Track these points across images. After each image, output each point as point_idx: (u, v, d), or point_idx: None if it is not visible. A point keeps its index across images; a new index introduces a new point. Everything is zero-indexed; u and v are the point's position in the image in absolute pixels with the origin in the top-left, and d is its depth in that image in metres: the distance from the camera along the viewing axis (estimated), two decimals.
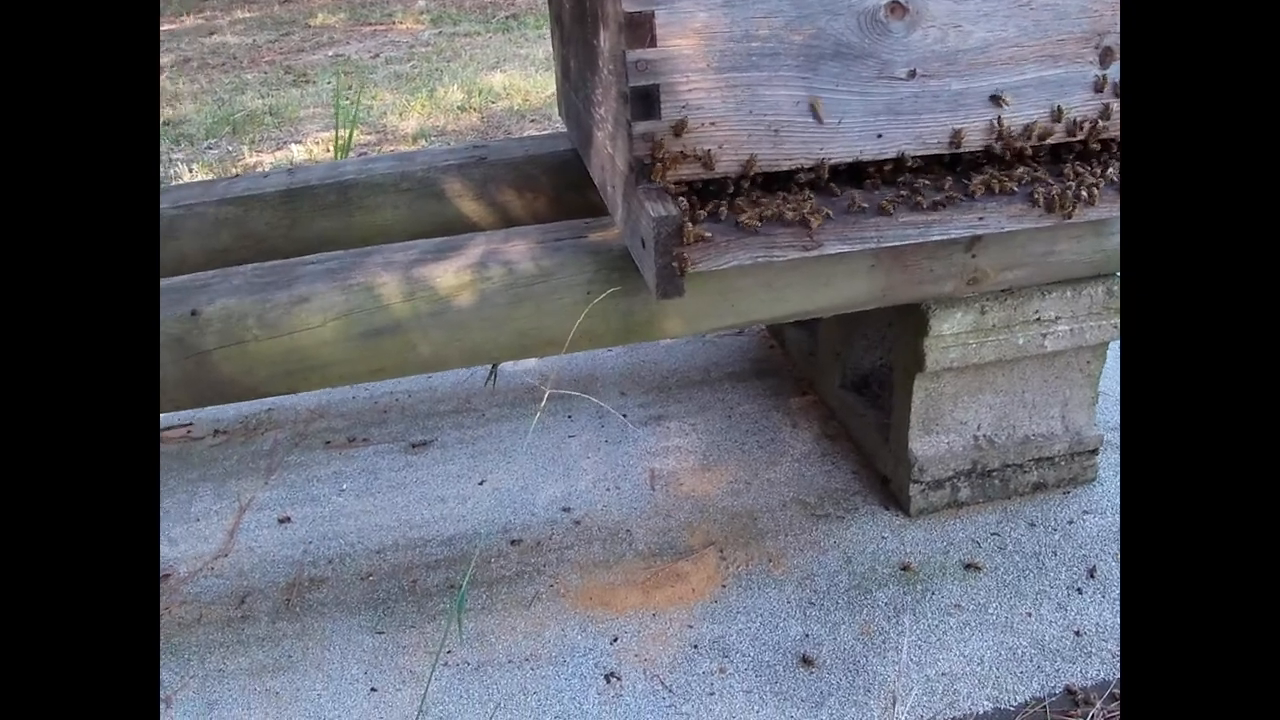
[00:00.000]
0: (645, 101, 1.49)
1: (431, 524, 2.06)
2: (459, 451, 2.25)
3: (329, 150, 4.44)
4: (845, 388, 2.20)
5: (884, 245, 1.53)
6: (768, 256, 1.50)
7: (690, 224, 1.46)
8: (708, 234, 1.48)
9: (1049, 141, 1.65)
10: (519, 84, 5.36)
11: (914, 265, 1.72)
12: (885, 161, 1.62)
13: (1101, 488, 2.04)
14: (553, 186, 2.20)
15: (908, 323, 1.86)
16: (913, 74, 1.56)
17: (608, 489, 2.09)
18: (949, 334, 1.81)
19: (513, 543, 1.99)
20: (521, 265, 1.66)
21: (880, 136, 1.59)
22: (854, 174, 1.64)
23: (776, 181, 1.62)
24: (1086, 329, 1.88)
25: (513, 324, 1.68)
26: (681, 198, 1.52)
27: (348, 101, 5.33)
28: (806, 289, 1.70)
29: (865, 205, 1.55)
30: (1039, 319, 1.85)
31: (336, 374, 1.71)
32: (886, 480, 2.03)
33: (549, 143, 2.24)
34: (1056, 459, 2.00)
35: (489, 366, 2.37)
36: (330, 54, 6.48)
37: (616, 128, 1.61)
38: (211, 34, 7.15)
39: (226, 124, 5.05)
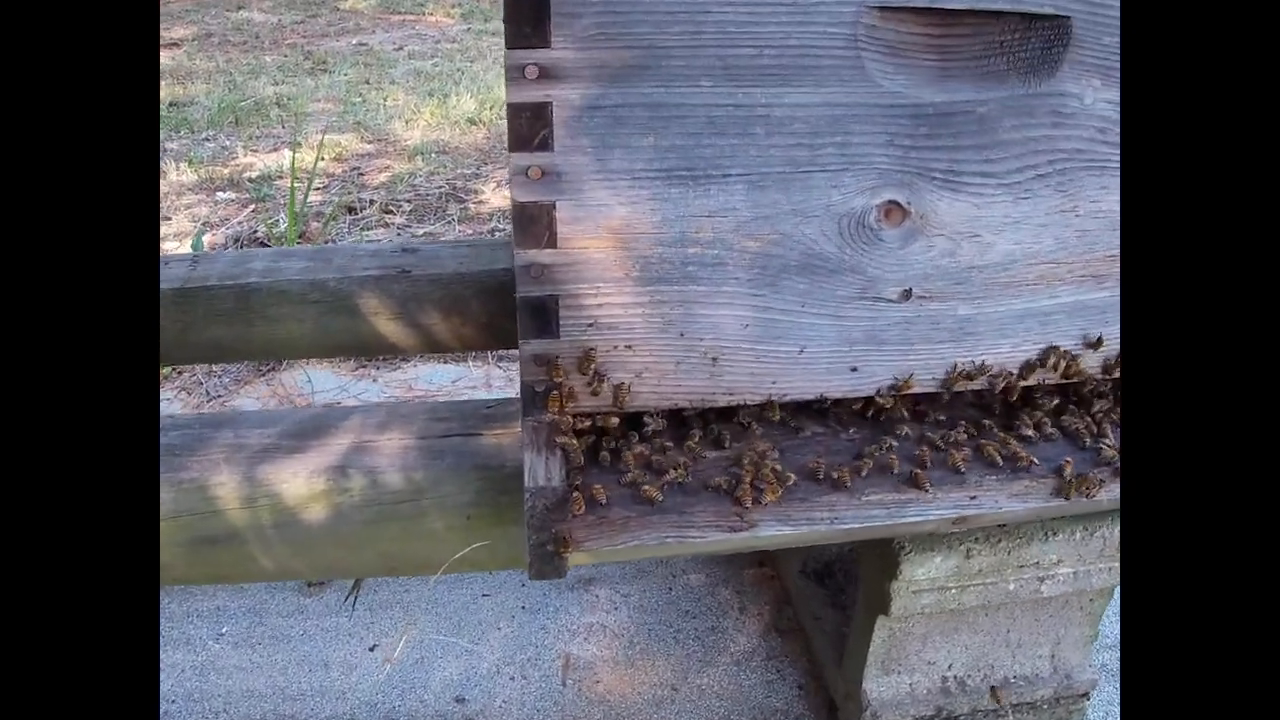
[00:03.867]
0: (539, 316, 1.04)
1: (309, 698, 1.63)
2: (357, 601, 1.82)
3: (324, 159, 3.97)
4: (805, 574, 1.75)
5: (838, 528, 1.08)
6: (680, 538, 1.04)
7: (578, 491, 1.01)
8: (603, 499, 1.02)
9: (1075, 380, 1.19)
10: None
11: None
12: (855, 400, 1.16)
13: None
14: (485, 311, 1.73)
15: (872, 558, 1.40)
16: (908, 294, 1.09)
17: (513, 676, 1.65)
18: (923, 579, 1.36)
19: None
20: (388, 476, 1.21)
21: (855, 370, 1.12)
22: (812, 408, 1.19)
23: (710, 416, 1.17)
24: (1094, 573, 1.41)
25: (374, 546, 1.23)
26: (582, 438, 1.07)
27: (359, 99, 4.86)
28: None
29: (820, 468, 1.09)
30: (1037, 563, 1.39)
31: (171, 576, 1.27)
32: (835, 708, 1.59)
33: (486, 255, 1.77)
34: (1039, 704, 1.55)
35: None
36: (354, 42, 5.98)
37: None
38: (239, 8, 6.64)
39: (231, 112, 4.59)
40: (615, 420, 1.10)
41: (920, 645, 1.47)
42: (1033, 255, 1.12)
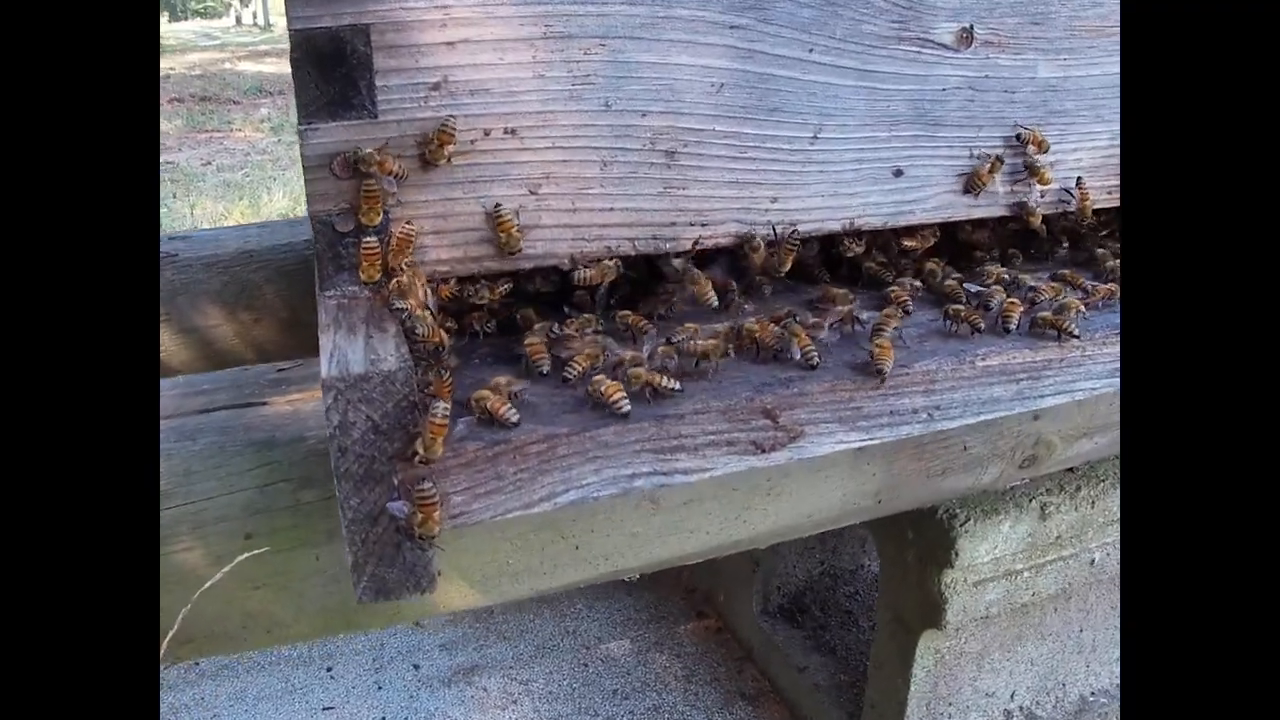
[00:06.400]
0: (332, 70, 0.49)
1: None
2: None
3: None
4: (769, 615, 1.19)
5: (937, 427, 0.55)
6: (661, 474, 0.49)
7: (437, 398, 0.45)
8: (511, 416, 0.46)
9: None
10: None
11: (933, 443, 0.74)
12: (902, 231, 0.65)
13: None
14: (285, 301, 1.16)
15: (895, 549, 0.87)
16: (968, 36, 0.61)
17: None
18: (986, 561, 0.84)
19: None
20: None
21: (899, 174, 0.62)
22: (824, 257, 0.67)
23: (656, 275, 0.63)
24: None
25: None
26: (436, 321, 0.51)
27: (164, 210, 4.20)
28: (731, 507, 0.70)
29: (888, 323, 0.57)
30: None
31: None
32: None
33: (282, 231, 1.21)
34: None
35: None
36: (160, 160, 5.32)
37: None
38: None
39: None
40: (488, 293, 0.55)
41: (975, 670, 0.94)
42: None
